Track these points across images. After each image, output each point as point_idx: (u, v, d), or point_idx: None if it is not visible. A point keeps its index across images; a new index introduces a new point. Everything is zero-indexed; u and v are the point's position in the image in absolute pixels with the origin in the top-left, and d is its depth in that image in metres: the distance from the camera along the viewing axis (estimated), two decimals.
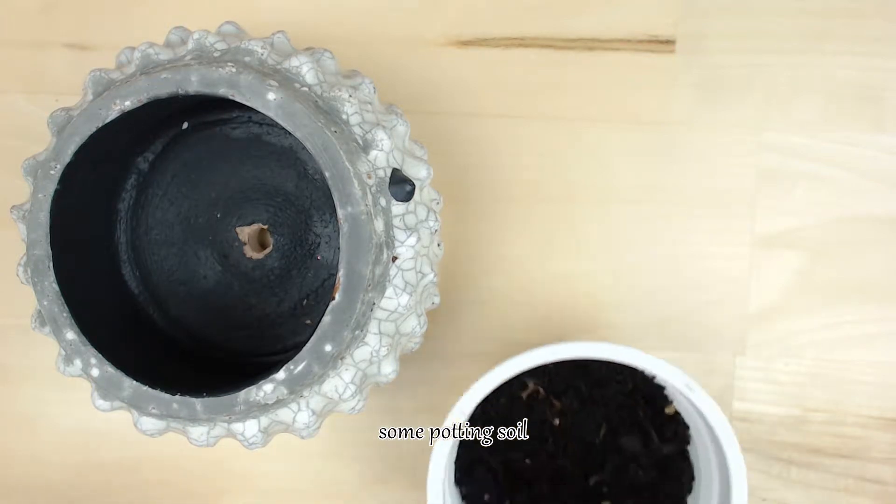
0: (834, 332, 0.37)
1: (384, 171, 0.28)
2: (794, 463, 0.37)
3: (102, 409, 0.29)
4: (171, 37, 0.31)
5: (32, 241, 0.28)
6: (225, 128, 0.34)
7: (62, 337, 0.28)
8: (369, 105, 0.29)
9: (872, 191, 0.37)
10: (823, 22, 0.37)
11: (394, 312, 0.28)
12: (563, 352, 0.29)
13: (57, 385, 0.39)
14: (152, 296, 0.34)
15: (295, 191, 0.34)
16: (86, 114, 0.27)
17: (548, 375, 0.34)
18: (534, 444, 0.33)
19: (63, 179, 0.28)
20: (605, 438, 0.33)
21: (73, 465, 0.39)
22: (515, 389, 0.34)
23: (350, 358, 0.28)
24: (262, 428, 0.28)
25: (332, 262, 0.34)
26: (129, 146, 0.33)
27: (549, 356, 0.29)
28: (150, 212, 0.34)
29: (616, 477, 0.33)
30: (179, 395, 0.27)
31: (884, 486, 0.37)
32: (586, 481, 0.33)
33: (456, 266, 0.38)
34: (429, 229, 0.29)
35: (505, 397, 0.34)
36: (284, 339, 0.34)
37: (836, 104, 0.37)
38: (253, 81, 0.27)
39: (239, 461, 0.39)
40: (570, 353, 0.29)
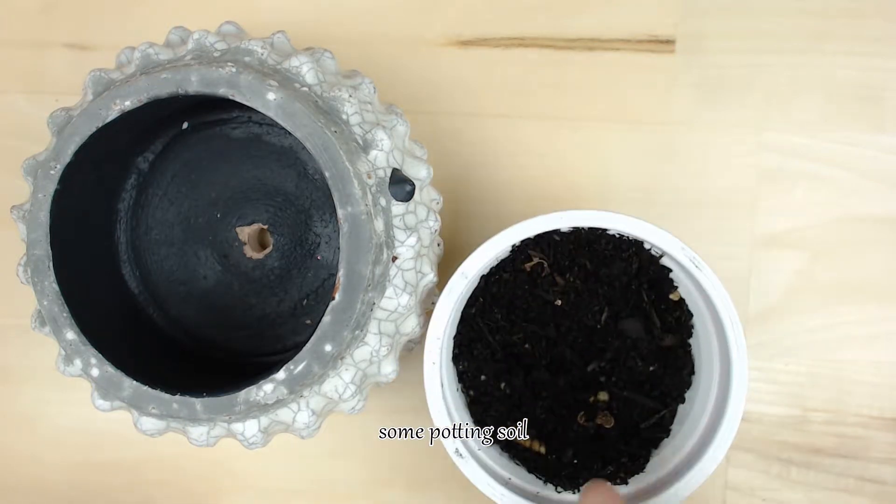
0: (834, 332, 0.37)
1: (384, 171, 0.28)
2: (794, 463, 0.37)
3: (102, 409, 0.29)
4: (171, 37, 0.31)
5: (32, 241, 0.28)
6: (225, 128, 0.34)
7: (62, 337, 0.28)
8: (369, 105, 0.29)
9: (872, 191, 0.37)
10: (823, 22, 0.37)
11: (394, 312, 0.28)
12: (570, 218, 0.29)
13: (57, 385, 0.39)
14: (152, 296, 0.34)
15: (295, 191, 0.34)
16: (86, 114, 0.27)
17: (553, 250, 0.33)
18: (534, 328, 0.33)
19: (63, 179, 0.28)
20: (607, 323, 0.33)
21: (73, 465, 0.39)
22: (519, 263, 0.33)
23: (350, 358, 0.28)
24: (262, 428, 0.28)
25: (332, 262, 0.34)
26: (129, 146, 0.33)
27: (556, 222, 0.29)
28: (150, 212, 0.34)
29: (615, 366, 0.33)
30: (179, 395, 0.27)
31: (884, 486, 0.37)
32: (585, 368, 0.33)
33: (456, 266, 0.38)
34: (429, 229, 0.29)
35: (508, 272, 0.33)
36: (284, 339, 0.34)
37: (836, 104, 0.37)
38: (253, 81, 0.27)
39: (239, 461, 0.39)
40: (577, 220, 0.29)
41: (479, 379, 0.33)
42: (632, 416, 0.33)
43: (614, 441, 0.33)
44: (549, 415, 0.33)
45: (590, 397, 0.33)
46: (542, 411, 0.33)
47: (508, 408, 0.33)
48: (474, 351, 0.33)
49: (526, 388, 0.33)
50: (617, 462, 0.32)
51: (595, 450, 0.33)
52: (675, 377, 0.33)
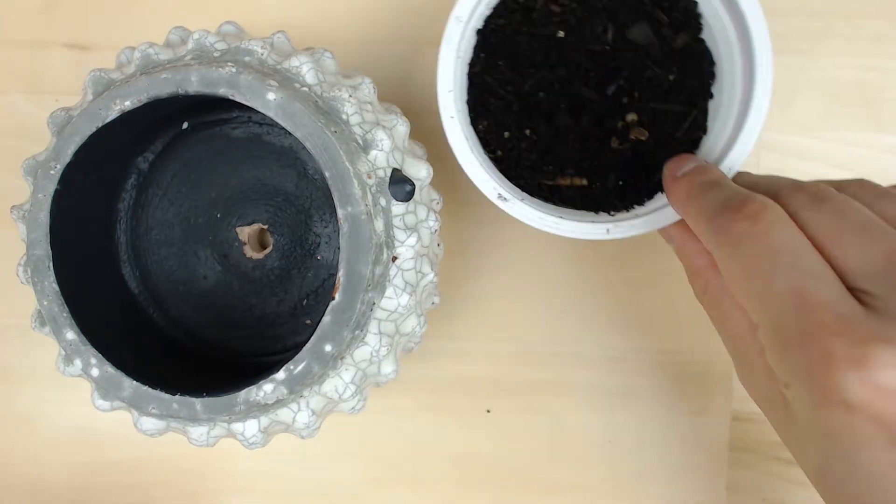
0: None
1: (384, 171, 0.28)
2: (795, 463, 0.37)
3: (102, 409, 0.29)
4: (171, 37, 0.31)
5: (32, 241, 0.28)
6: (225, 128, 0.34)
7: (62, 337, 0.28)
8: (369, 105, 0.29)
9: None
10: (823, 22, 0.37)
11: (394, 312, 0.28)
12: None
13: (57, 385, 0.39)
14: (152, 296, 0.34)
15: (295, 191, 0.34)
16: (86, 114, 0.27)
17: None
18: (544, 73, 0.32)
19: (63, 179, 0.28)
20: (615, 40, 0.32)
21: (73, 465, 0.39)
22: (511, 3, 0.32)
23: (350, 358, 0.28)
24: (262, 428, 0.28)
25: (332, 262, 0.34)
26: (129, 146, 0.33)
27: None
28: (150, 212, 0.34)
29: (635, 82, 0.32)
30: (179, 395, 0.27)
31: None
32: (605, 95, 0.32)
33: (456, 266, 0.38)
34: (429, 229, 0.29)
35: (503, 17, 0.32)
36: (284, 339, 0.34)
37: (836, 104, 0.37)
38: (253, 81, 0.27)
39: (239, 461, 0.39)
40: None
41: (503, 137, 0.32)
42: (665, 129, 0.32)
43: (653, 152, 0.32)
44: (582, 150, 0.32)
45: (618, 123, 0.32)
46: (574, 150, 0.32)
47: (540, 154, 0.32)
48: (490, 107, 0.32)
49: (551, 134, 0.32)
50: (661, 169, 0.32)
51: (637, 167, 0.32)
52: (696, 75, 0.32)
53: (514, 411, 0.38)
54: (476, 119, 0.32)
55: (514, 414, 0.38)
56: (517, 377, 0.38)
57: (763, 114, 0.29)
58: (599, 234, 0.30)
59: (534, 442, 0.38)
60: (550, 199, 0.32)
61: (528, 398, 0.38)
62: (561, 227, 0.30)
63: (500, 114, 0.32)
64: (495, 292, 0.38)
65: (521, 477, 0.38)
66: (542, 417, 0.38)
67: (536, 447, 0.38)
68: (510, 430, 0.38)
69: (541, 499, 0.38)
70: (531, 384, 0.38)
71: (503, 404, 0.38)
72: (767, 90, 0.29)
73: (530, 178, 0.32)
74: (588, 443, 0.38)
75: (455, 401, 0.38)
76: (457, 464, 0.38)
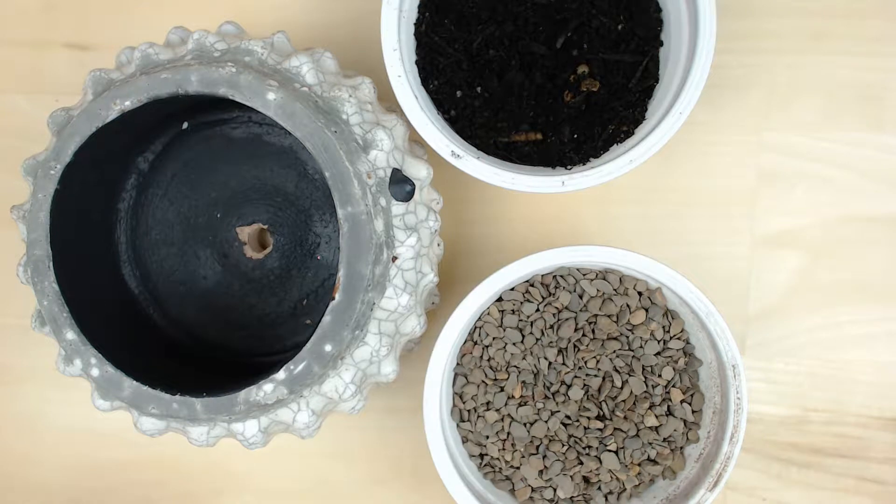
0: (834, 332, 0.37)
1: (384, 171, 0.28)
2: (794, 463, 0.37)
3: (102, 409, 0.29)
4: (171, 37, 0.31)
5: (32, 241, 0.28)
6: (225, 128, 0.34)
7: (62, 337, 0.28)
8: (369, 105, 0.29)
9: (872, 191, 0.37)
10: (823, 22, 0.37)
11: (394, 312, 0.28)
12: None
13: (57, 385, 0.39)
14: (152, 296, 0.34)
15: (295, 191, 0.34)
16: (86, 114, 0.27)
17: None
18: (492, 29, 0.32)
19: (63, 179, 0.28)
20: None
21: (74, 465, 0.39)
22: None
23: (350, 358, 0.28)
24: (262, 428, 0.28)
25: (332, 262, 0.34)
26: (129, 146, 0.33)
27: None
28: (150, 212, 0.34)
29: (583, 33, 0.32)
30: (179, 395, 0.27)
31: (884, 486, 0.37)
32: (554, 47, 0.32)
33: (456, 266, 0.38)
34: (429, 229, 0.29)
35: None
36: (284, 339, 0.34)
37: (836, 104, 0.37)
38: (253, 81, 0.27)
39: (239, 461, 0.39)
40: None
41: (455, 96, 0.32)
42: (617, 79, 0.32)
43: (606, 102, 0.32)
44: (535, 105, 0.32)
45: (569, 76, 0.32)
46: (528, 105, 0.32)
47: (493, 111, 0.32)
48: (439, 66, 0.32)
49: (504, 91, 0.32)
50: (616, 120, 0.32)
51: (591, 119, 0.32)
52: (644, 23, 0.32)
53: None
54: (427, 79, 0.32)
55: None
56: None
57: (709, 54, 0.30)
58: (555, 188, 0.30)
59: None
60: (508, 157, 0.32)
61: None
62: (517, 182, 0.30)
63: (450, 72, 0.32)
64: None
65: None
66: None
67: None
68: None
69: None
70: None
71: None
72: (712, 32, 0.30)
73: (485, 136, 0.32)
74: None
75: None
76: None
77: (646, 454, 0.32)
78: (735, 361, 0.30)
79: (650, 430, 0.32)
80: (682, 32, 0.32)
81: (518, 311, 0.32)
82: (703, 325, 0.31)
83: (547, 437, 0.32)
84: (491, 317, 0.32)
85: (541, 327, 0.32)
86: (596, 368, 0.31)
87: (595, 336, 0.32)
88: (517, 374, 0.32)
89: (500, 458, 0.32)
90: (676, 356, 0.32)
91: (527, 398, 0.32)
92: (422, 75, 0.33)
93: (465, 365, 0.32)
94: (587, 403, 0.31)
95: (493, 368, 0.32)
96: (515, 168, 0.31)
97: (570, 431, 0.32)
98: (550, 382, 0.32)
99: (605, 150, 0.32)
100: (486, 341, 0.32)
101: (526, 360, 0.32)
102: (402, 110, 0.30)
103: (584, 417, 0.32)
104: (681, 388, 0.32)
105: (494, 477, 0.33)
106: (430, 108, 0.32)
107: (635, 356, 0.32)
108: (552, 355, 0.31)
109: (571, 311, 0.32)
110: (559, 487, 0.32)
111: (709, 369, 0.32)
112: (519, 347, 0.32)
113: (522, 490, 0.32)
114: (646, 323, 0.32)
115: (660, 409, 0.32)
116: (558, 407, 0.32)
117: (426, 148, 0.32)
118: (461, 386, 0.32)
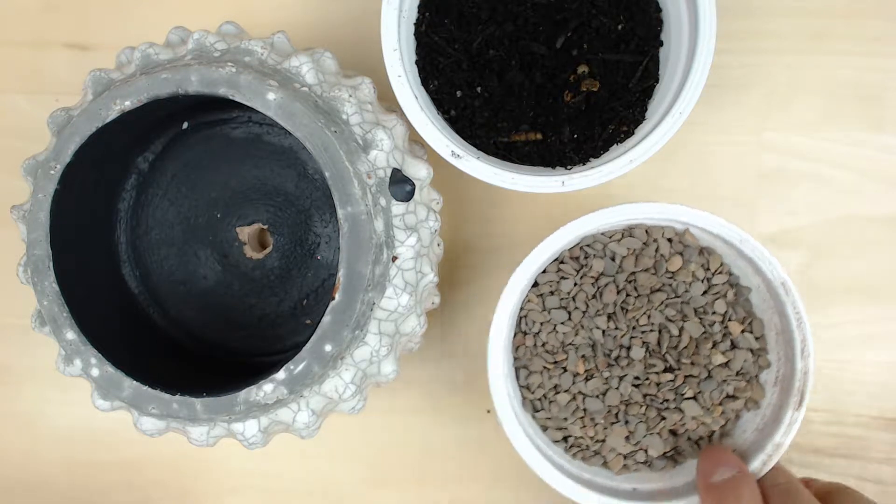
0: (834, 332, 0.37)
1: (384, 170, 0.28)
2: (794, 463, 0.37)
3: (102, 409, 0.29)
4: (171, 37, 0.31)
5: (32, 241, 0.28)
6: (225, 128, 0.34)
7: (62, 337, 0.28)
8: (369, 105, 0.29)
9: (872, 191, 0.37)
10: (823, 22, 0.37)
11: (394, 312, 0.28)
12: None
13: (57, 385, 0.39)
14: (152, 296, 0.34)
15: (295, 191, 0.34)
16: (86, 114, 0.27)
17: None
18: (492, 29, 0.32)
19: (63, 179, 0.28)
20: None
21: (73, 464, 0.39)
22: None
23: (350, 358, 0.28)
24: (262, 428, 0.28)
25: (332, 262, 0.34)
26: (129, 146, 0.33)
27: None
28: (150, 212, 0.34)
29: (583, 33, 0.32)
30: (179, 395, 0.27)
31: (884, 486, 0.37)
32: (555, 47, 0.32)
33: (456, 266, 0.38)
34: (429, 229, 0.29)
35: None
36: (284, 339, 0.34)
37: (836, 104, 0.37)
38: (253, 81, 0.27)
39: (239, 461, 0.39)
40: None
41: (455, 96, 0.32)
42: (617, 79, 0.32)
43: (606, 102, 0.32)
44: (536, 105, 0.32)
45: (569, 76, 0.32)
46: (528, 105, 0.32)
47: (493, 111, 0.32)
48: (439, 66, 0.32)
49: (504, 91, 0.32)
50: (616, 120, 0.32)
51: (590, 119, 0.32)
52: (644, 23, 0.32)
53: None
54: (427, 79, 0.32)
55: None
56: None
57: (709, 54, 0.30)
58: (555, 187, 0.30)
59: None
60: (508, 157, 0.32)
61: None
62: (517, 182, 0.30)
63: (450, 72, 0.32)
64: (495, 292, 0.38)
65: (520, 476, 0.38)
66: None
67: None
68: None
69: (540, 498, 0.38)
70: None
71: None
72: (712, 32, 0.30)
73: (485, 136, 0.32)
74: None
75: (455, 401, 0.38)
76: (457, 464, 0.38)
77: (723, 392, 0.31)
78: (782, 279, 0.30)
79: (720, 367, 0.31)
80: (682, 32, 0.32)
81: (557, 291, 0.32)
82: (739, 252, 0.31)
83: (622, 402, 0.32)
84: (532, 303, 0.32)
85: (583, 299, 0.31)
86: (649, 324, 0.31)
87: (639, 293, 0.31)
88: (574, 350, 0.31)
89: (584, 436, 0.32)
90: (723, 290, 0.32)
91: (591, 371, 0.31)
92: (422, 75, 0.33)
93: (521, 357, 0.32)
94: (651, 360, 0.31)
95: (549, 352, 0.32)
96: (515, 168, 0.31)
97: (644, 391, 0.31)
98: (609, 350, 0.31)
99: (605, 150, 0.32)
100: (534, 329, 0.32)
101: (579, 336, 0.31)
102: (402, 110, 0.30)
103: (652, 374, 0.31)
104: (737, 320, 0.32)
105: (584, 455, 0.32)
106: (430, 108, 0.32)
107: (684, 301, 0.31)
108: (603, 323, 0.31)
109: (608, 275, 0.31)
110: (649, 447, 0.32)
111: (759, 293, 0.32)
112: (568, 325, 0.31)
113: (615, 460, 0.32)
114: (684, 266, 0.31)
115: (723, 344, 0.31)
116: (624, 371, 0.31)
117: (426, 148, 0.32)
118: (525, 378, 0.32)
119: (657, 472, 0.32)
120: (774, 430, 0.30)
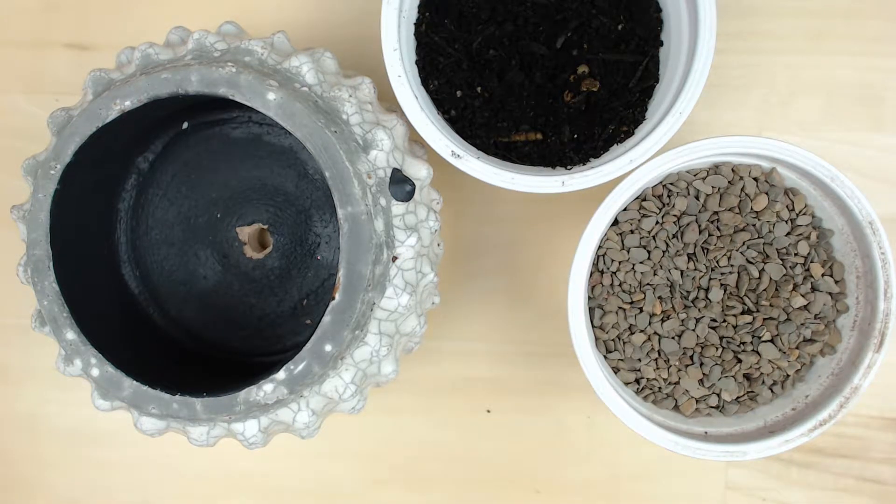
0: None
1: (384, 170, 0.28)
2: (794, 463, 0.37)
3: (102, 409, 0.29)
4: (171, 37, 0.31)
5: (32, 241, 0.28)
6: (225, 128, 0.34)
7: (62, 337, 0.28)
8: (369, 105, 0.29)
9: (872, 191, 0.37)
10: (823, 22, 0.37)
11: (394, 312, 0.28)
12: None
13: (57, 385, 0.39)
14: (152, 296, 0.34)
15: (295, 191, 0.34)
16: (86, 114, 0.27)
17: None
18: (492, 29, 0.32)
19: (63, 179, 0.28)
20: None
21: (73, 464, 0.39)
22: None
23: (350, 358, 0.28)
24: (262, 428, 0.28)
25: (332, 262, 0.34)
26: (129, 146, 0.33)
27: None
28: (150, 212, 0.34)
29: (583, 33, 0.32)
30: (179, 395, 0.27)
31: (884, 486, 0.37)
32: (555, 47, 0.32)
33: (456, 266, 0.38)
34: (429, 229, 0.29)
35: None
36: (284, 339, 0.34)
37: (836, 104, 0.37)
38: (253, 81, 0.27)
39: (239, 461, 0.39)
40: None
41: (455, 96, 0.32)
42: (617, 79, 0.32)
43: (606, 102, 0.32)
44: (536, 106, 0.32)
45: (569, 76, 0.32)
46: (528, 105, 0.32)
47: (493, 111, 0.32)
48: (439, 66, 0.32)
49: (504, 91, 0.32)
50: (616, 120, 0.32)
51: (591, 119, 0.32)
52: (644, 23, 0.32)
53: (514, 411, 0.38)
54: (427, 79, 0.32)
55: (514, 414, 0.38)
56: (517, 377, 0.38)
57: (709, 54, 0.30)
58: (554, 187, 0.30)
59: (534, 442, 0.38)
60: (508, 157, 0.32)
61: (528, 398, 0.38)
62: (516, 182, 0.30)
63: (450, 72, 0.32)
64: (495, 292, 0.38)
65: (520, 476, 0.38)
66: (542, 417, 0.38)
67: (536, 447, 0.38)
68: (510, 430, 0.38)
69: (540, 498, 0.38)
70: (531, 384, 0.38)
71: (503, 404, 0.38)
72: (712, 32, 0.30)
73: (485, 136, 0.32)
74: (587, 442, 0.38)
75: (455, 401, 0.38)
76: (457, 464, 0.38)
77: (801, 335, 0.31)
78: (871, 218, 0.30)
79: (800, 310, 0.31)
80: (682, 32, 0.32)
81: (638, 229, 0.31)
82: (828, 191, 0.30)
83: (699, 344, 0.31)
84: (611, 241, 0.31)
85: (664, 238, 0.31)
86: (729, 265, 0.31)
87: (721, 233, 0.31)
88: (652, 290, 0.31)
89: (658, 378, 0.32)
90: (807, 231, 0.31)
91: (668, 312, 0.31)
92: (422, 75, 0.33)
93: (597, 297, 0.32)
94: (730, 301, 0.31)
95: (626, 292, 0.31)
96: (515, 168, 0.31)
97: (721, 333, 0.31)
98: (687, 291, 0.31)
99: (605, 150, 0.32)
100: (612, 267, 0.32)
101: (657, 276, 0.31)
102: (402, 110, 0.30)
103: (730, 316, 0.31)
104: (819, 263, 0.31)
105: (655, 398, 0.32)
106: (430, 108, 0.32)
107: (766, 242, 0.31)
108: (682, 263, 0.31)
109: (691, 214, 0.31)
110: (723, 391, 0.31)
111: (842, 236, 0.32)
112: (647, 265, 0.31)
113: (687, 403, 0.32)
114: (769, 206, 0.31)
115: (804, 287, 0.31)
116: (702, 312, 0.31)
117: (426, 148, 0.32)
118: (599, 318, 0.32)
119: (729, 417, 0.32)
120: (852, 373, 0.30)
